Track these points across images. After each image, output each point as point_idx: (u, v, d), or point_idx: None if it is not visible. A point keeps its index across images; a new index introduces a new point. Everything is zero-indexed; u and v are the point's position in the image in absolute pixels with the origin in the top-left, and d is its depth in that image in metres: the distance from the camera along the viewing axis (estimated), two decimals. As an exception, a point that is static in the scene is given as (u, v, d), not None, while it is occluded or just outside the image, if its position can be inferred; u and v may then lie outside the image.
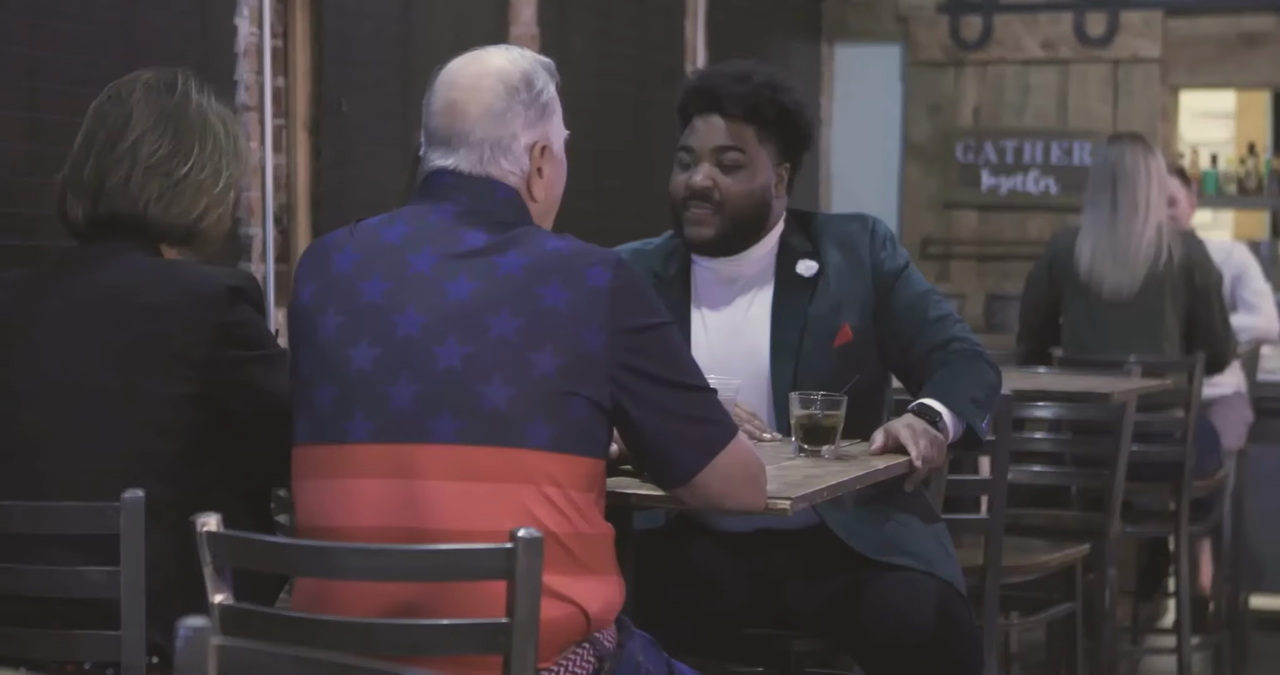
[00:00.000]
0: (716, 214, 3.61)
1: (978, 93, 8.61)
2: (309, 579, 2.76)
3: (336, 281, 2.80)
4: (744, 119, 3.62)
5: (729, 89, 3.61)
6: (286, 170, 5.13)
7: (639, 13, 7.16)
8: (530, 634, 2.46)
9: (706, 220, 3.61)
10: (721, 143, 3.61)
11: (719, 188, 3.61)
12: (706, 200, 3.61)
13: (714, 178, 3.61)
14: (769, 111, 3.61)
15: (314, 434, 2.78)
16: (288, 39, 5.10)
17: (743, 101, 3.61)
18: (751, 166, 3.62)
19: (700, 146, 3.63)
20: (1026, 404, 5.11)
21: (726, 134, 3.62)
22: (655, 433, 2.78)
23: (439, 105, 2.88)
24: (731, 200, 3.60)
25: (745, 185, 3.61)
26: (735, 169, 3.61)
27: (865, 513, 3.62)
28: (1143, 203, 6.02)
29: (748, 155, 3.62)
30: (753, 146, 3.62)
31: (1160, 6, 8.33)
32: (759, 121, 3.62)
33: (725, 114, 3.62)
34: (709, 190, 3.60)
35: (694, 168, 3.62)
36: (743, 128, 3.62)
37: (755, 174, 3.62)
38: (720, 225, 3.61)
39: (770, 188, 3.64)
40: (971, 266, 8.59)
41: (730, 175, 3.61)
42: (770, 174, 3.64)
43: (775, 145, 3.64)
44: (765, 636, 3.66)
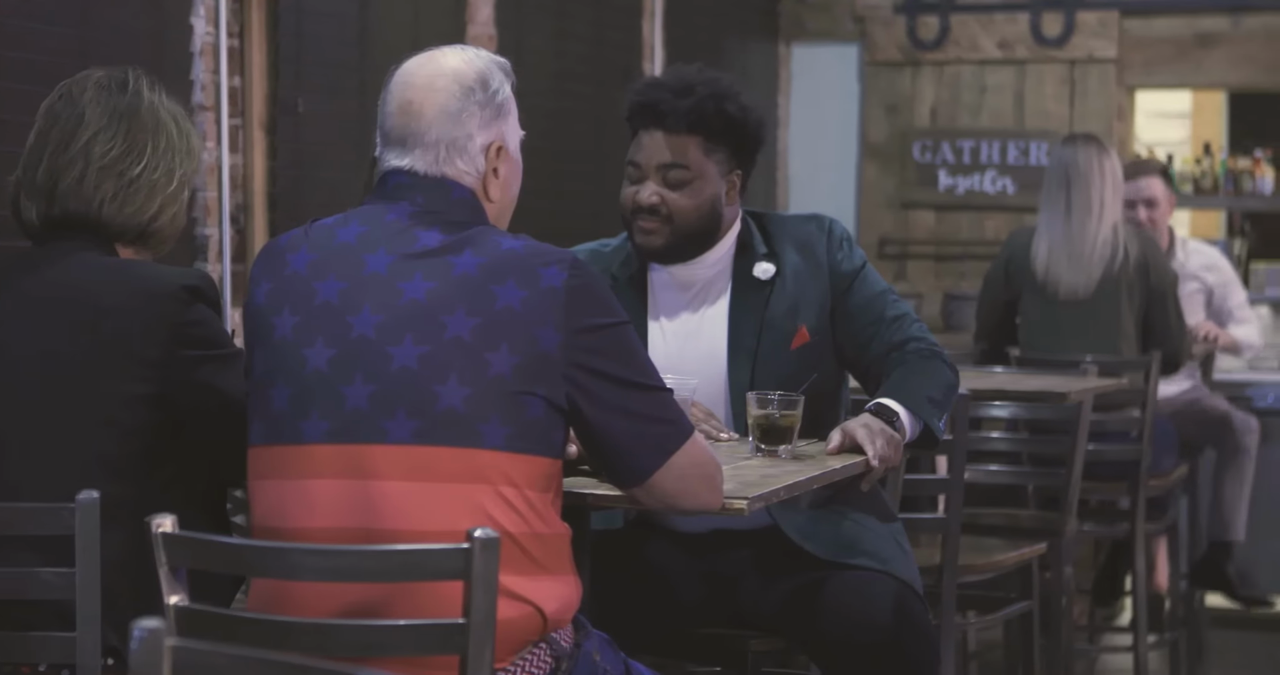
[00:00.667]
0: (665, 225, 3.61)
1: (935, 93, 8.62)
2: (265, 580, 2.76)
3: (292, 281, 2.79)
4: (688, 132, 3.60)
5: (671, 104, 3.59)
6: (243, 170, 5.11)
7: (596, 13, 7.16)
8: (487, 634, 2.46)
9: (656, 231, 3.61)
10: (665, 160, 3.60)
11: (666, 203, 3.60)
12: (654, 214, 3.61)
13: (661, 194, 3.60)
14: (714, 123, 3.59)
15: (269, 435, 2.77)
16: (244, 38, 5.08)
17: (686, 116, 3.59)
18: (698, 180, 3.61)
19: (645, 163, 3.62)
20: (983, 403, 5.12)
21: (670, 151, 3.60)
22: (611, 432, 2.78)
23: (394, 105, 2.87)
24: (679, 214, 3.60)
25: (692, 200, 3.61)
26: (681, 185, 3.60)
27: (821, 513, 3.62)
28: (1096, 203, 6.04)
29: (693, 170, 3.60)
30: (698, 160, 3.60)
31: (1116, 7, 8.36)
32: (704, 133, 3.60)
33: (668, 129, 3.60)
34: (656, 206, 3.60)
35: (641, 183, 3.62)
36: (687, 142, 3.60)
37: (702, 187, 3.61)
38: (669, 236, 3.61)
39: (720, 197, 3.63)
40: (929, 266, 8.61)
41: (677, 191, 3.60)
42: (719, 184, 3.63)
43: (724, 154, 3.63)
44: (722, 636, 3.66)
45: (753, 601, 3.63)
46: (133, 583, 2.89)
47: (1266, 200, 8.34)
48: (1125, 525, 5.87)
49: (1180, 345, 6.11)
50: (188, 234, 4.87)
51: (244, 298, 2.90)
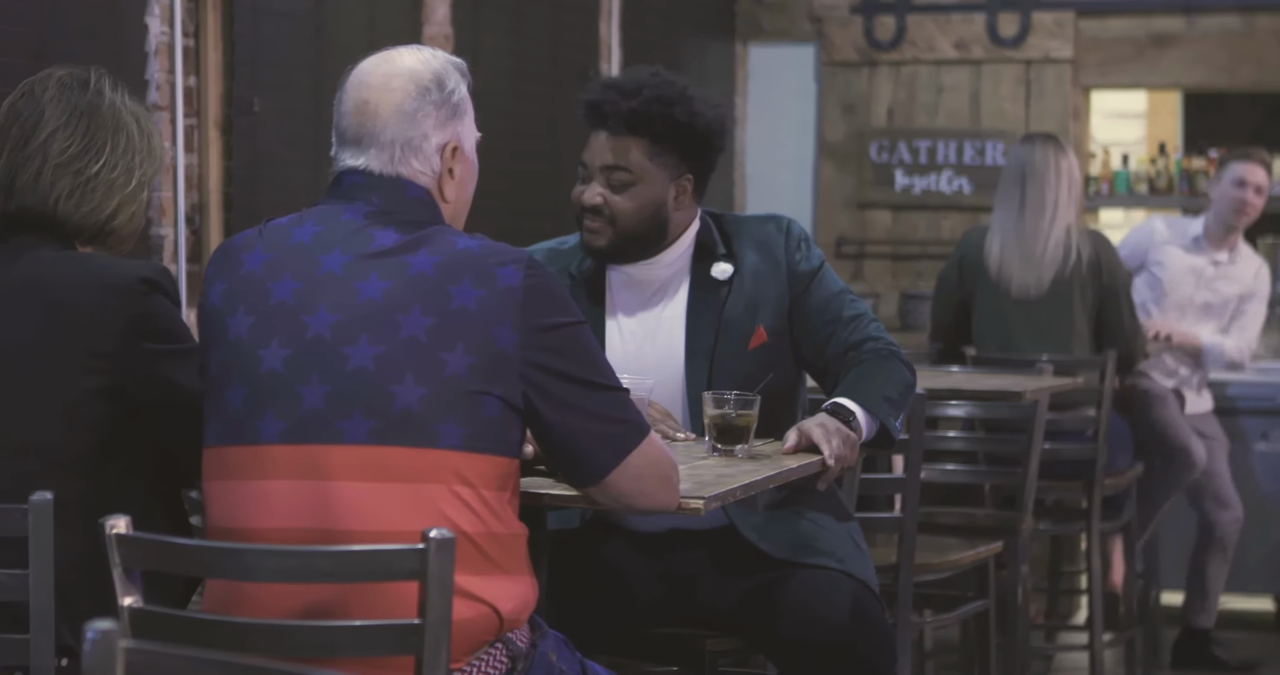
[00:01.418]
0: (609, 226, 3.62)
1: (891, 93, 8.64)
2: (220, 581, 2.75)
3: (247, 281, 2.79)
4: (631, 135, 3.60)
5: (615, 106, 3.59)
6: (198, 170, 5.10)
7: (553, 13, 7.16)
8: (442, 634, 2.46)
9: (600, 231, 3.62)
10: (608, 162, 3.61)
11: (609, 205, 3.61)
12: (598, 215, 3.62)
13: (604, 195, 3.61)
14: (659, 126, 3.60)
15: (225, 435, 2.76)
16: (199, 38, 5.07)
17: (628, 119, 3.59)
18: (641, 183, 3.61)
19: (591, 163, 3.63)
20: (939, 403, 5.14)
21: (612, 153, 3.61)
22: (567, 432, 2.78)
23: (350, 105, 2.87)
24: (622, 216, 3.61)
25: (634, 202, 3.61)
26: (624, 187, 3.61)
27: (777, 513, 3.63)
28: (1050, 203, 6.05)
29: (635, 173, 3.61)
30: (641, 163, 3.61)
31: (1071, 8, 8.38)
32: (649, 137, 3.60)
33: (611, 131, 3.61)
34: (599, 207, 3.61)
35: (588, 184, 3.63)
36: (630, 145, 3.61)
37: (645, 191, 3.61)
38: (613, 237, 3.62)
39: (665, 201, 3.63)
40: (886, 266, 8.62)
41: (620, 193, 3.61)
42: (665, 187, 3.63)
43: (672, 158, 3.63)
44: (679, 636, 3.66)
45: (710, 601, 3.63)
46: (90, 582, 2.88)
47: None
48: (1081, 524, 5.89)
49: (1134, 344, 6.13)
50: (142, 234, 4.86)
51: (199, 298, 2.88)
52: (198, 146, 5.09)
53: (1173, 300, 6.67)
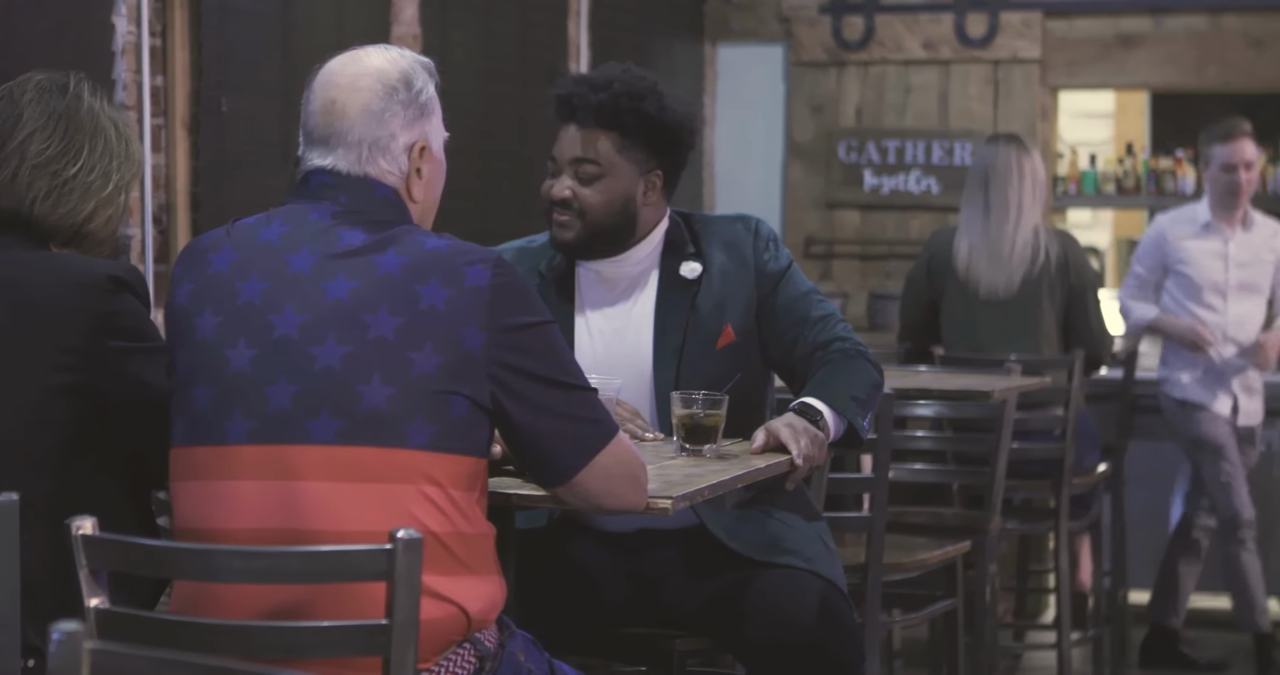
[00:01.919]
0: (578, 219, 3.62)
1: (860, 93, 8.65)
2: (187, 582, 2.74)
3: (214, 281, 2.78)
4: (600, 129, 3.61)
5: (583, 99, 3.60)
6: (166, 170, 5.09)
7: (522, 12, 7.15)
8: (410, 635, 2.46)
9: (568, 224, 3.63)
10: (576, 155, 3.62)
11: (578, 198, 3.62)
12: (567, 208, 3.62)
13: (573, 188, 3.62)
14: (628, 120, 3.60)
15: (192, 435, 2.76)
16: (166, 38, 5.06)
17: (597, 112, 3.60)
18: (610, 177, 3.62)
19: (560, 156, 3.64)
20: (908, 402, 5.14)
21: (582, 145, 3.62)
22: (535, 432, 2.78)
23: (317, 105, 2.87)
24: (590, 210, 3.61)
25: (603, 196, 3.62)
26: (592, 180, 3.61)
27: (746, 513, 3.63)
28: (1013, 204, 6.06)
29: (604, 166, 3.61)
30: (610, 157, 3.61)
31: (1039, 8, 8.41)
32: (618, 130, 3.61)
33: (580, 124, 3.62)
34: (568, 200, 3.62)
35: (557, 177, 3.64)
36: (599, 138, 3.61)
37: (614, 184, 3.62)
38: (581, 230, 3.62)
39: (635, 196, 3.64)
40: (854, 266, 8.64)
41: (588, 186, 3.61)
42: (635, 182, 3.64)
43: (642, 153, 3.63)
44: (648, 635, 3.66)
45: (678, 601, 3.63)
46: (56, 582, 2.87)
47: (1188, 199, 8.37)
48: (1049, 523, 5.90)
49: (1101, 345, 6.14)
50: (109, 234, 4.84)
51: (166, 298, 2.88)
52: (165, 146, 5.08)
53: (1209, 289, 6.52)
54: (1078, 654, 6.38)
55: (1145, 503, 7.21)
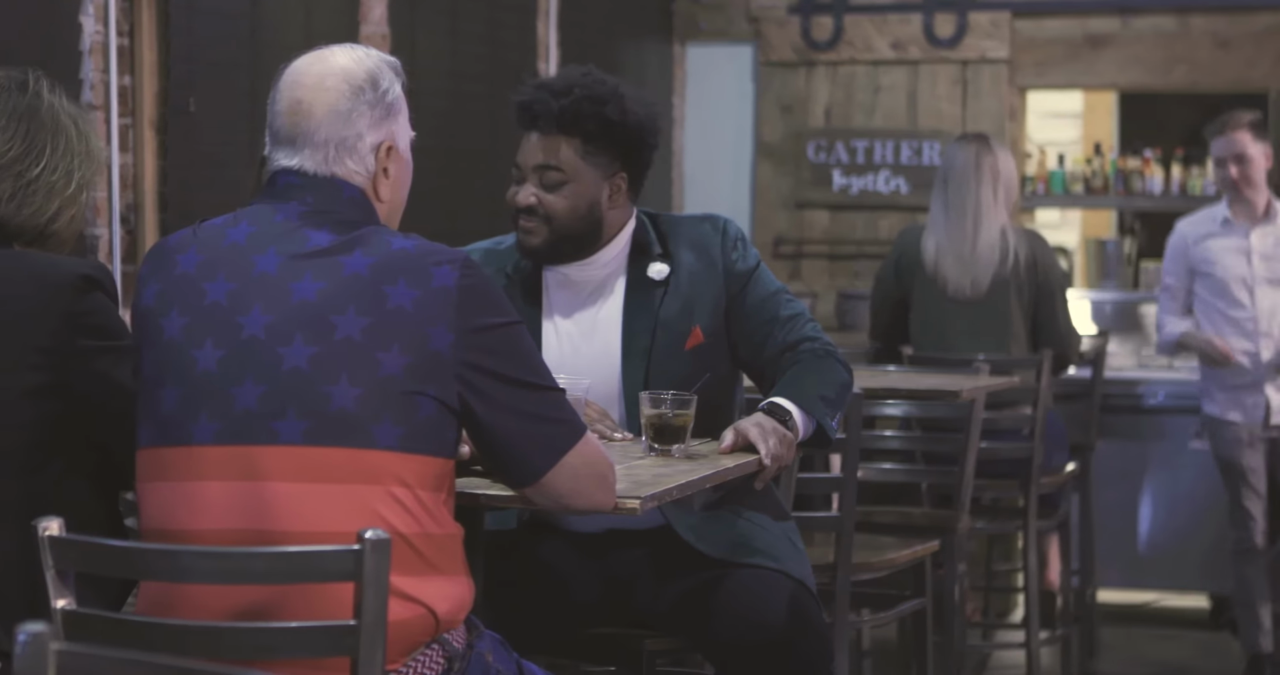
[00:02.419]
0: (544, 225, 3.62)
1: (829, 93, 8.66)
2: (154, 583, 2.74)
3: (180, 282, 2.78)
4: (562, 135, 3.60)
5: (545, 105, 3.59)
6: (133, 170, 5.07)
7: (490, 12, 7.15)
8: (378, 635, 2.45)
9: (535, 231, 3.62)
10: (539, 162, 3.61)
11: (543, 204, 3.61)
12: (533, 215, 3.62)
13: (537, 195, 3.61)
14: (590, 126, 3.59)
15: (158, 437, 2.75)
16: (134, 37, 5.04)
17: (558, 118, 3.59)
18: (574, 182, 3.61)
19: (524, 163, 3.64)
20: (876, 402, 5.15)
21: (543, 152, 3.61)
22: (503, 432, 2.78)
23: (284, 105, 2.86)
24: (556, 216, 3.61)
25: (568, 201, 3.61)
26: (557, 187, 3.61)
27: (714, 513, 3.63)
28: (971, 203, 6.05)
29: (567, 172, 3.61)
30: (573, 162, 3.61)
31: (1007, 8, 8.42)
32: (581, 136, 3.60)
33: (542, 131, 3.61)
34: (533, 207, 3.61)
35: (521, 184, 3.63)
36: (561, 144, 3.61)
37: (579, 190, 3.62)
38: (548, 236, 3.62)
39: (599, 201, 3.64)
40: (823, 265, 8.65)
41: (553, 192, 3.61)
42: (599, 187, 3.63)
43: (605, 157, 3.63)
44: (617, 635, 3.66)
45: (648, 601, 3.63)
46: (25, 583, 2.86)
47: (1156, 200, 8.42)
48: (1017, 523, 5.92)
49: (1068, 345, 6.14)
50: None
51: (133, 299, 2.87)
52: (133, 146, 5.07)
53: (1235, 285, 6.35)
54: (1046, 653, 6.40)
55: (1113, 502, 7.24)
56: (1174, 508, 7.45)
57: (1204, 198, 8.33)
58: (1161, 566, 7.44)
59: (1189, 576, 7.46)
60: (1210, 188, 8.32)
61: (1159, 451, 7.41)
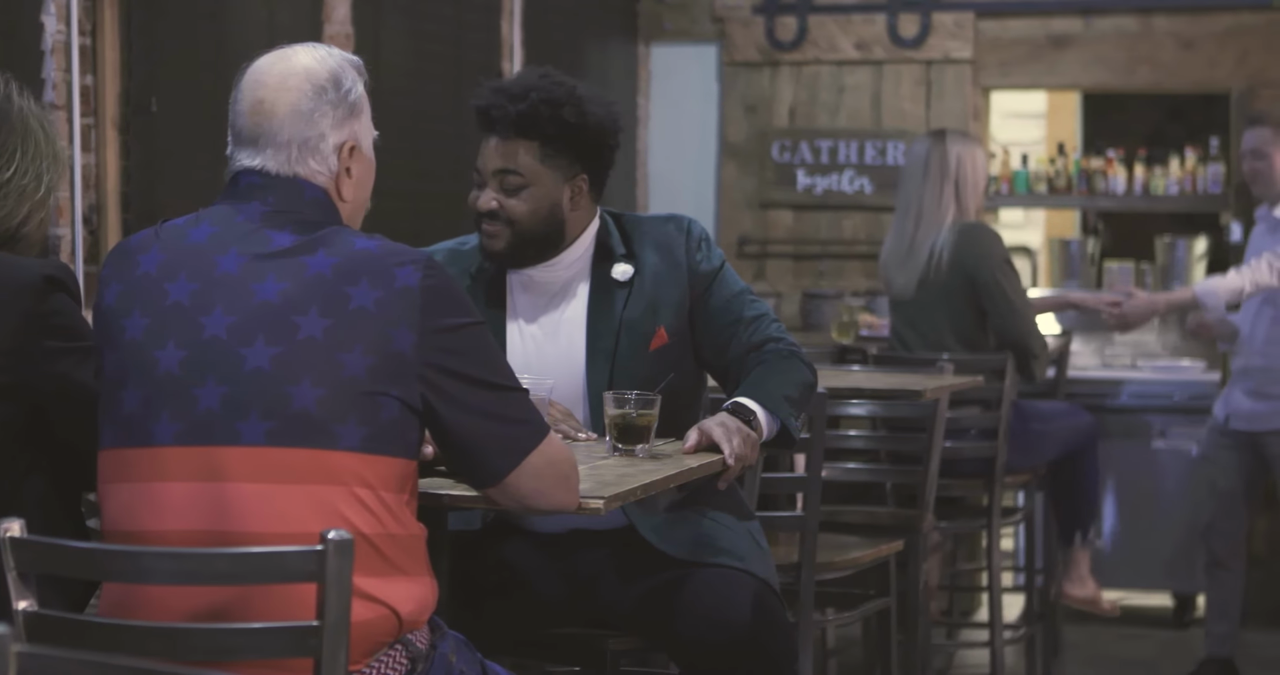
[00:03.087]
0: (506, 229, 3.61)
1: (793, 93, 8.66)
2: (116, 584, 2.73)
3: (142, 283, 2.77)
4: (520, 139, 3.59)
5: (502, 110, 3.59)
6: (96, 170, 5.05)
7: (455, 12, 7.14)
8: (341, 636, 2.45)
9: (498, 235, 3.62)
10: (498, 166, 3.61)
11: (504, 209, 3.61)
12: (495, 219, 3.61)
13: (498, 200, 3.61)
14: (548, 129, 3.59)
15: (120, 437, 2.74)
16: (96, 36, 5.02)
17: (516, 122, 3.58)
18: (534, 186, 3.61)
19: (484, 168, 3.63)
20: (841, 402, 5.16)
21: (503, 157, 3.60)
22: (466, 433, 2.78)
23: (245, 105, 2.85)
24: (517, 220, 3.61)
25: (529, 205, 3.61)
26: (517, 190, 3.60)
27: (678, 513, 3.63)
28: (915, 201, 6.07)
29: (527, 176, 3.60)
30: (533, 166, 3.60)
31: (971, 8, 8.44)
32: (539, 139, 3.60)
33: (501, 135, 3.61)
34: (495, 211, 3.61)
35: (482, 189, 3.63)
36: (520, 148, 3.60)
37: (539, 193, 3.61)
38: (510, 239, 3.62)
39: (560, 203, 3.63)
40: (788, 265, 8.65)
41: (513, 197, 3.61)
42: (560, 189, 3.63)
43: (565, 159, 3.62)
44: (581, 635, 3.67)
45: (612, 601, 3.63)
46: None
47: (1118, 199, 8.44)
48: (982, 522, 5.93)
49: (1025, 348, 5.99)
50: (39, 234, 4.81)
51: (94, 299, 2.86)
52: (95, 146, 5.05)
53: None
54: (1010, 652, 6.41)
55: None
56: (1137, 507, 7.48)
57: (1166, 197, 8.37)
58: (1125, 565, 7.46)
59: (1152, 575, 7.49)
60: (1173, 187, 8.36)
61: (1122, 451, 7.44)
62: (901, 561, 5.03)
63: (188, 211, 2.88)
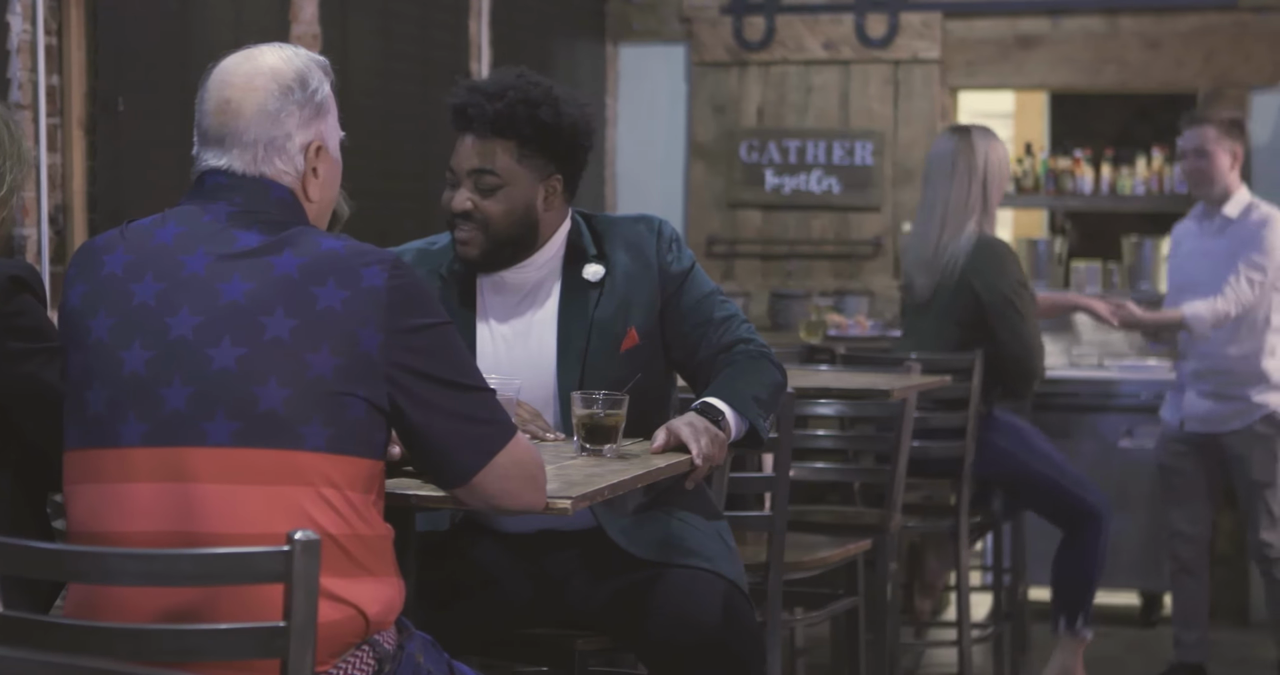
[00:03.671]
0: (481, 232, 3.60)
1: (761, 93, 8.67)
2: (82, 585, 2.72)
3: (108, 283, 2.76)
4: (497, 138, 3.59)
5: (479, 109, 3.58)
6: (62, 170, 5.04)
7: (423, 12, 7.13)
8: (308, 637, 2.44)
9: (472, 240, 3.61)
10: (475, 166, 3.60)
11: (479, 209, 3.60)
12: (469, 220, 3.61)
13: (473, 200, 3.60)
14: (525, 129, 3.58)
15: (86, 438, 2.73)
16: (62, 36, 5.01)
17: (493, 122, 3.58)
18: (510, 186, 3.60)
19: (458, 168, 3.62)
20: (809, 401, 5.16)
21: (478, 156, 3.60)
22: (433, 433, 2.78)
23: (212, 104, 2.85)
24: (493, 221, 3.60)
25: (504, 205, 3.60)
26: (493, 191, 3.60)
27: (646, 514, 3.63)
28: (940, 202, 5.88)
29: (503, 176, 3.60)
30: (509, 166, 3.60)
31: (939, 9, 8.46)
32: (517, 139, 3.59)
33: (478, 135, 3.60)
34: (469, 212, 3.60)
35: (456, 189, 3.62)
36: (496, 147, 3.59)
37: (514, 193, 3.60)
38: (485, 243, 3.61)
39: (535, 203, 3.63)
40: (756, 265, 8.66)
41: (488, 197, 3.60)
42: (534, 189, 3.62)
43: (540, 160, 3.61)
44: (549, 636, 3.66)
45: (580, 602, 3.63)
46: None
47: (1086, 199, 8.47)
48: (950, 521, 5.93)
49: (1027, 363, 5.85)
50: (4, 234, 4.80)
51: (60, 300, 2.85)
52: (61, 146, 5.03)
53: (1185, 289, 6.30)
54: (978, 650, 6.42)
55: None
56: (1104, 506, 7.48)
57: (1134, 197, 8.39)
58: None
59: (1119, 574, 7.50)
60: (1140, 187, 8.39)
61: (1089, 450, 7.45)
62: (869, 561, 5.03)
63: (154, 211, 2.87)
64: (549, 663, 3.70)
